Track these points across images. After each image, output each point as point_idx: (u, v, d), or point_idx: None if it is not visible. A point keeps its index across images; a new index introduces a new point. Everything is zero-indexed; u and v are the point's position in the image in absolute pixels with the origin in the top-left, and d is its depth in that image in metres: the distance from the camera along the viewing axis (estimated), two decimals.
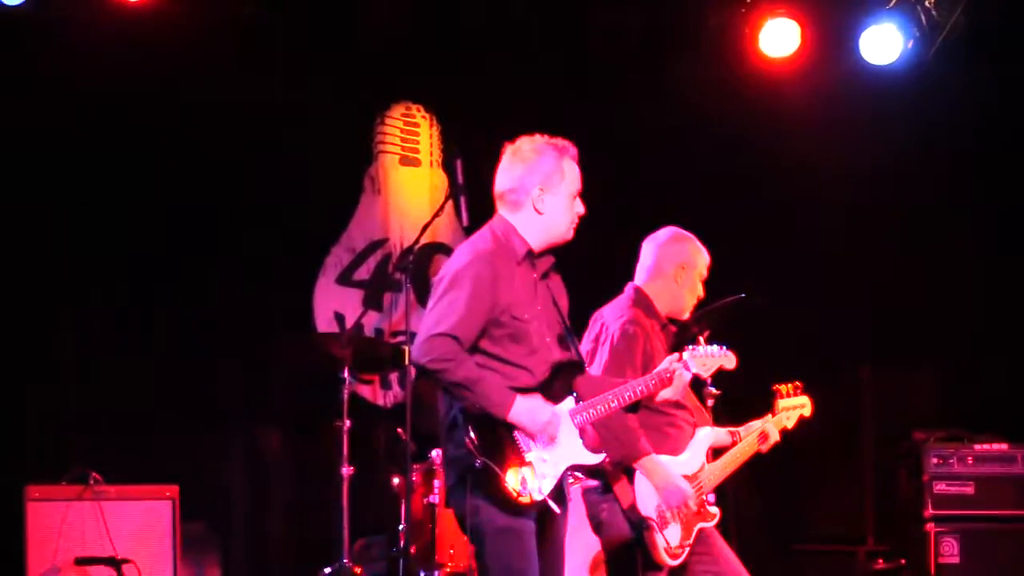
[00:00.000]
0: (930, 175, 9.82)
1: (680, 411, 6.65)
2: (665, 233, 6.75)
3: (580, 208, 5.75)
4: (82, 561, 6.45)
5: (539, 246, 5.73)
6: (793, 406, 6.91)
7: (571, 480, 5.97)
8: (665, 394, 5.99)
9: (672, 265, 6.65)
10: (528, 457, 5.52)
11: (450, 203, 8.70)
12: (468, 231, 9.26)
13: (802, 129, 9.58)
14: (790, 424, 6.89)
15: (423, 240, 8.39)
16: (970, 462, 8.91)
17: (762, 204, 9.70)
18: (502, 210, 5.76)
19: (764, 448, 6.85)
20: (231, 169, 8.79)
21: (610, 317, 6.55)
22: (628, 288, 6.69)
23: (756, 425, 6.85)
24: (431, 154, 9.67)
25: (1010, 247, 9.74)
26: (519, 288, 5.64)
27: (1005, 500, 8.86)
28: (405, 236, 9.45)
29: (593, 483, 6.45)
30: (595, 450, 5.69)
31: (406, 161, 9.61)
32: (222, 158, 8.79)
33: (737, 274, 8.44)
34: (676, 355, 5.94)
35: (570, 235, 5.75)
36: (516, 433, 5.51)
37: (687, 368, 5.91)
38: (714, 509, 6.66)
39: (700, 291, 6.76)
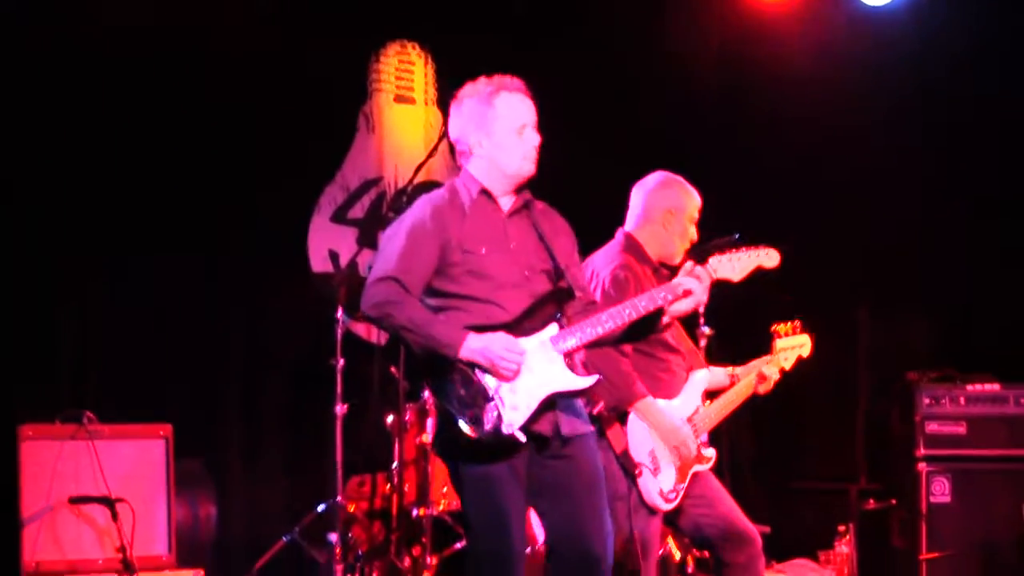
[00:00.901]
0: (929, 118, 9.82)
1: (674, 355, 6.65)
2: (654, 178, 6.72)
3: (533, 139, 5.58)
4: (76, 500, 6.46)
5: (498, 188, 5.61)
6: (792, 346, 6.89)
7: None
8: (681, 307, 5.82)
9: (661, 210, 6.62)
10: (491, 393, 5.36)
11: (444, 142, 8.70)
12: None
13: (800, 73, 9.57)
14: (788, 364, 6.88)
15: (417, 179, 8.43)
16: (962, 402, 8.93)
17: (759, 148, 9.70)
18: (461, 162, 5.70)
19: (762, 389, 6.85)
20: (226, 109, 8.76)
21: (600, 263, 6.53)
22: (618, 234, 6.66)
23: (754, 365, 6.85)
24: (426, 92, 9.65)
25: (1008, 190, 9.74)
26: (474, 223, 5.53)
27: (997, 440, 8.88)
28: (399, 174, 9.44)
29: (589, 429, 6.46)
30: (586, 374, 5.54)
31: (400, 99, 9.58)
32: (218, 97, 8.75)
33: (734, 217, 8.48)
34: (693, 264, 5.78)
35: (528, 168, 5.59)
36: (476, 372, 5.35)
37: (698, 280, 5.72)
38: (709, 452, 6.66)
39: (692, 235, 6.73)
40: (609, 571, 5.56)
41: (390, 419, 8.10)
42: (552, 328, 5.51)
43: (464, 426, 5.29)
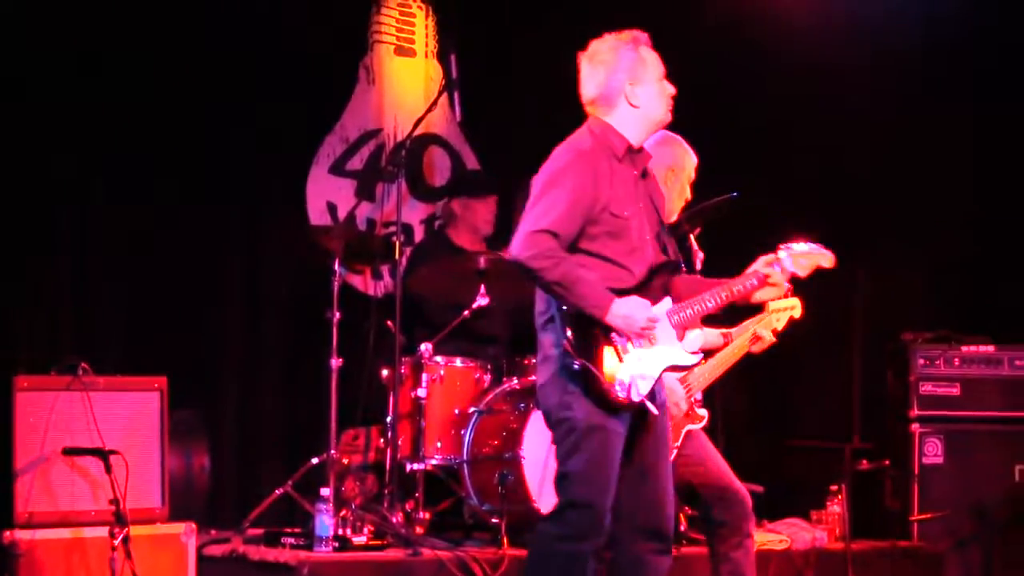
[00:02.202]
0: (929, 72, 9.80)
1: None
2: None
3: (671, 88, 5.81)
4: (70, 451, 6.46)
5: (639, 139, 5.79)
6: (783, 308, 6.93)
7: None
8: (763, 295, 6.00)
9: (661, 168, 6.63)
10: (626, 358, 5.57)
11: (444, 96, 8.69)
12: (462, 126, 9.35)
13: (798, 21, 9.54)
14: (780, 326, 6.92)
15: (417, 132, 8.42)
16: (957, 363, 8.97)
17: (758, 101, 9.67)
18: (595, 114, 5.79)
19: (756, 349, 6.89)
20: (225, 60, 8.73)
21: None
22: None
23: (747, 325, 6.89)
24: (426, 45, 9.61)
25: (1007, 149, 9.73)
26: (619, 185, 5.67)
27: (990, 402, 8.93)
28: (399, 127, 9.41)
29: None
30: (693, 352, 5.81)
31: (401, 51, 9.54)
32: (218, 45, 8.72)
33: (732, 173, 8.48)
34: (772, 255, 5.92)
35: (669, 117, 5.83)
36: (613, 335, 5.55)
37: (783, 268, 5.90)
38: (702, 411, 6.71)
39: (688, 193, 6.77)
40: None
41: (385, 373, 8.10)
42: (667, 301, 5.75)
43: (610, 382, 5.51)
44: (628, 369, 5.59)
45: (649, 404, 5.64)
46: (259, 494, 8.12)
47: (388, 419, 7.96)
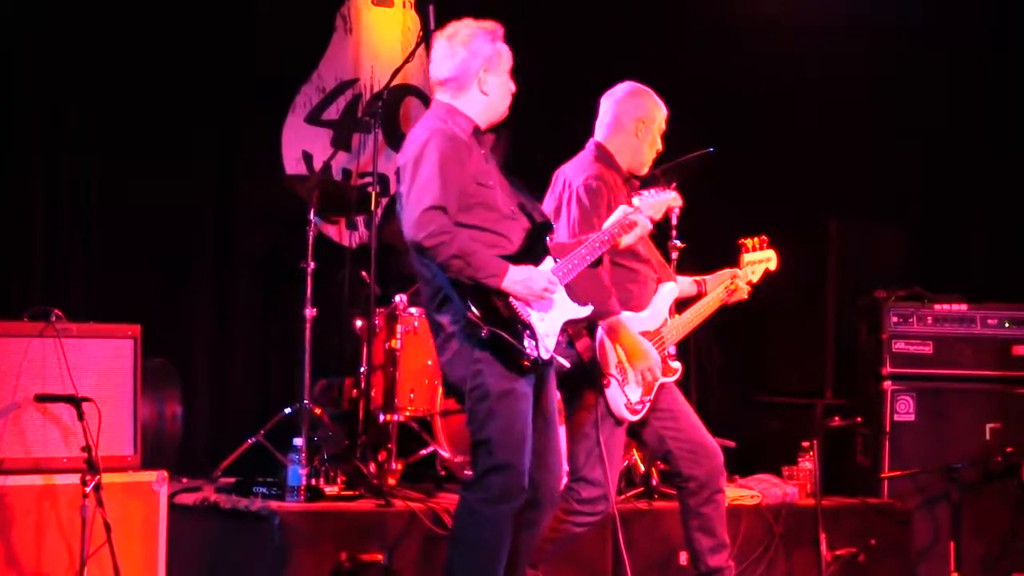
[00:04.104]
0: (903, 29, 9.80)
1: (643, 265, 6.69)
2: (623, 88, 6.79)
3: (513, 86, 5.95)
4: (42, 398, 6.42)
5: (483, 125, 5.91)
6: (759, 259, 7.01)
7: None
8: (627, 240, 6.13)
9: (632, 119, 6.69)
10: (530, 320, 5.71)
11: (422, 47, 8.65)
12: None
13: None
14: (755, 278, 7.00)
15: (394, 83, 8.38)
16: (929, 322, 8.98)
17: (731, 57, 9.67)
18: (441, 96, 5.92)
19: (730, 300, 6.92)
20: (201, 8, 8.68)
21: (572, 173, 6.58)
22: (589, 144, 6.71)
23: (725, 274, 6.92)
24: None
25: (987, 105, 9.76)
26: (477, 158, 5.80)
27: (962, 360, 8.95)
28: (376, 77, 9.38)
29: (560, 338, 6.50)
30: (582, 303, 5.92)
31: (379, 1, 9.49)
32: None
33: (706, 126, 8.48)
34: (622, 208, 6.16)
35: (506, 112, 5.97)
36: (511, 300, 5.68)
37: (640, 212, 6.12)
38: (676, 364, 6.72)
39: (659, 145, 6.78)
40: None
41: (359, 323, 8.10)
42: (549, 261, 5.88)
43: (520, 345, 5.65)
44: (532, 329, 5.73)
45: (560, 358, 5.88)
46: (231, 443, 8.13)
47: (362, 370, 7.96)
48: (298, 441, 7.26)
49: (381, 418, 7.92)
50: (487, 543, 5.76)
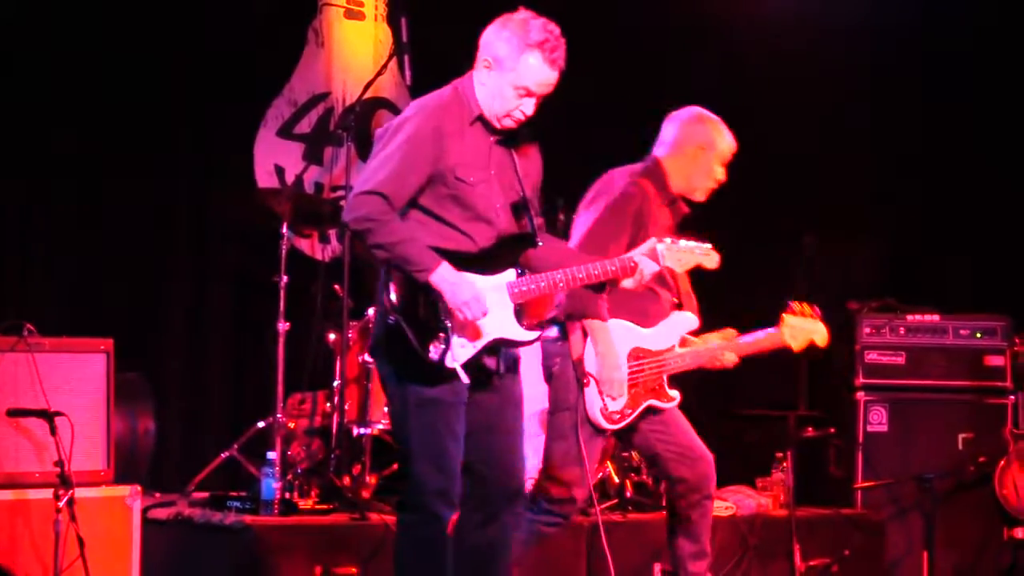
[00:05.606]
0: (883, 37, 9.84)
1: (665, 291, 6.63)
2: (689, 112, 6.73)
3: (527, 108, 5.56)
4: (14, 413, 6.40)
5: (486, 114, 5.57)
6: (802, 327, 6.83)
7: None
8: (626, 284, 5.78)
9: (692, 144, 6.65)
10: (448, 323, 5.40)
11: (394, 60, 8.66)
12: (412, 90, 9.31)
13: None
14: (795, 345, 6.84)
15: (366, 96, 8.39)
16: (902, 332, 9.01)
17: (704, 70, 9.69)
18: (475, 67, 5.62)
19: (714, 366, 6.83)
20: (174, 19, 8.67)
21: (619, 175, 6.57)
22: (648, 158, 6.67)
23: (729, 334, 6.83)
24: (376, 8, 9.57)
25: (958, 118, 9.78)
26: (469, 148, 5.51)
27: (935, 371, 8.98)
28: (348, 90, 9.38)
29: (552, 334, 6.48)
30: (530, 328, 5.57)
31: (351, 14, 9.50)
32: (167, 5, 8.67)
33: None
34: (650, 245, 5.79)
35: (509, 125, 5.57)
36: (438, 302, 5.37)
37: (658, 261, 5.76)
38: (674, 392, 6.66)
39: (720, 175, 6.71)
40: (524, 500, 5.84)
41: (332, 337, 8.09)
42: (510, 273, 5.55)
43: (424, 343, 5.35)
44: (447, 334, 5.39)
45: (461, 372, 5.40)
46: (204, 457, 8.12)
47: (335, 383, 7.96)
48: (271, 455, 7.26)
49: (355, 431, 7.91)
50: (422, 565, 5.53)
